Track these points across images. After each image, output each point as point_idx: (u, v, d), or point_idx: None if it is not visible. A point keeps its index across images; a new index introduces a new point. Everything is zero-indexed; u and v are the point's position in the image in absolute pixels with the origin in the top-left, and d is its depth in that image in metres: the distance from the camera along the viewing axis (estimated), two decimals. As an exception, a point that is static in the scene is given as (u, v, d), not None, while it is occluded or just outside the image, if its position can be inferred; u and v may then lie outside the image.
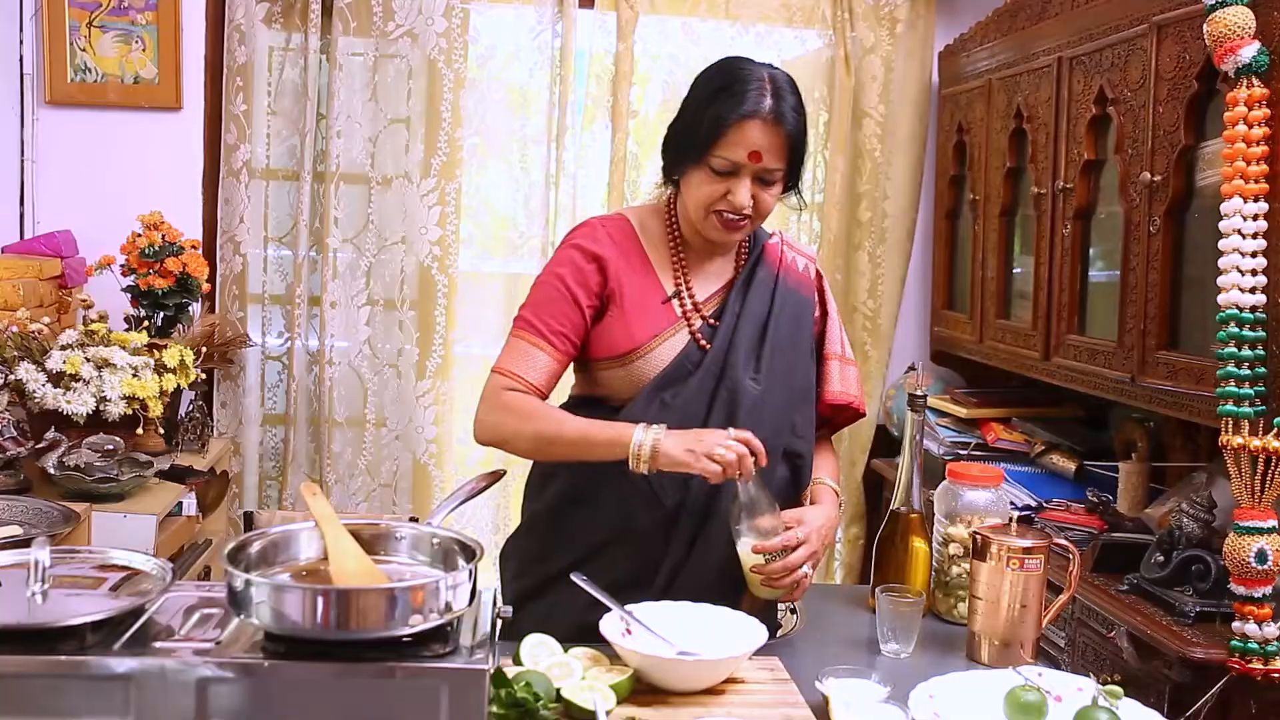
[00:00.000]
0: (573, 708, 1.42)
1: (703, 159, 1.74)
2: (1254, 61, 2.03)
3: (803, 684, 1.55)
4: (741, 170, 1.73)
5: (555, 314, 1.80)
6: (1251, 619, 2.01)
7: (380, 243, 3.39)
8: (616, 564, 1.78)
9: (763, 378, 1.82)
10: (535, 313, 1.81)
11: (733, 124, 1.71)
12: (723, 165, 1.73)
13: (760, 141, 1.72)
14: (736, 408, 1.78)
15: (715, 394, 1.79)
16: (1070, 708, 1.44)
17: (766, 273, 1.88)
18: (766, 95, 1.72)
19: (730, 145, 1.72)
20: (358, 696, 1.22)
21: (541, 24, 3.42)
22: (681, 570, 1.78)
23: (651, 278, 1.84)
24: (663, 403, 1.78)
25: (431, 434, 3.43)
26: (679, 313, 1.83)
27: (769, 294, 1.86)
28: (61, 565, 1.39)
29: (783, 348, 1.84)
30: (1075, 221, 2.76)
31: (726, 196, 1.74)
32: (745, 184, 1.73)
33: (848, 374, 1.94)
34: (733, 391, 1.79)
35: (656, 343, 1.80)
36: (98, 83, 3.22)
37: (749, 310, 1.84)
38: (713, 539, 1.77)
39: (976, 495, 1.86)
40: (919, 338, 3.73)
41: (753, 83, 1.73)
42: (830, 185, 3.56)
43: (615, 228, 1.86)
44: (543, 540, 1.88)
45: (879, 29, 3.54)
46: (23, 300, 2.74)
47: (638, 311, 1.81)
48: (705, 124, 1.73)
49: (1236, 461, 2.01)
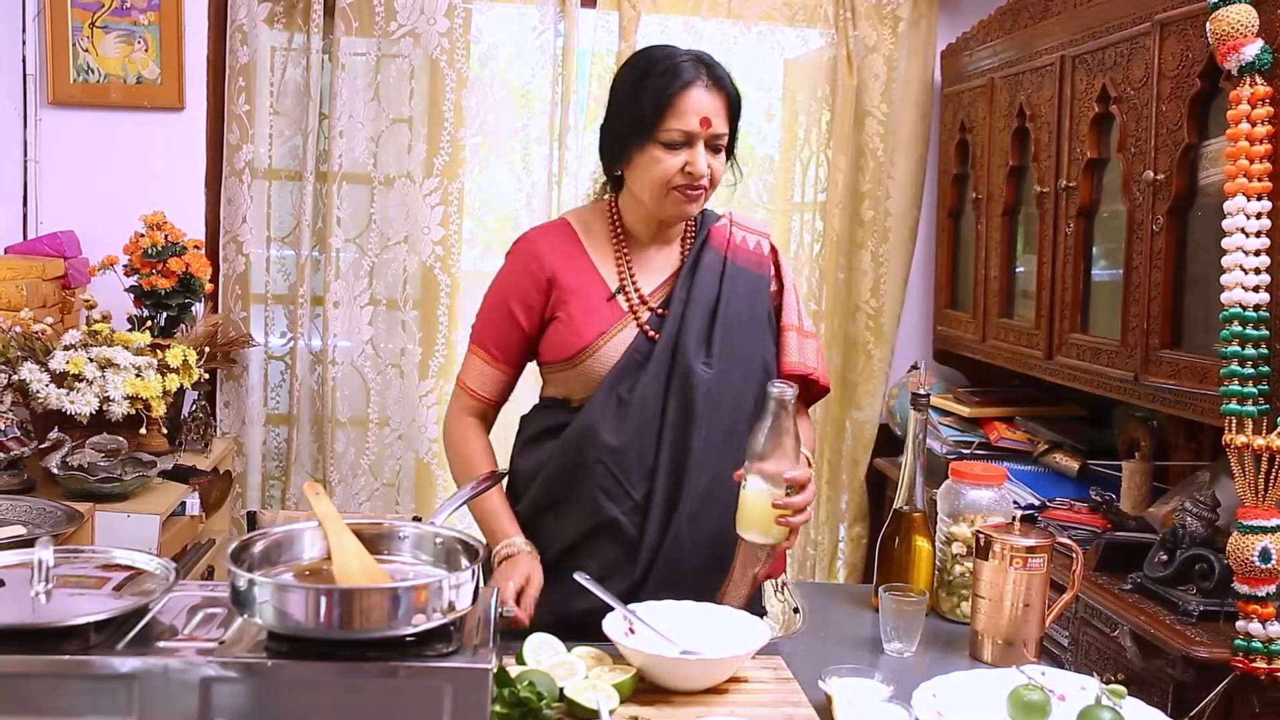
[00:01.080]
0: (576, 707, 1.42)
1: (652, 137, 1.76)
2: (1257, 59, 2.03)
3: (805, 683, 1.55)
4: (694, 139, 1.76)
5: (498, 329, 1.90)
6: (1255, 618, 2.01)
7: (383, 242, 3.39)
8: (596, 556, 1.81)
9: (715, 360, 1.83)
10: (483, 328, 1.93)
11: (676, 94, 1.74)
12: (674, 137, 1.76)
13: (707, 106, 1.75)
14: (692, 392, 1.81)
15: (669, 382, 1.81)
16: (1074, 707, 1.44)
17: (713, 256, 1.90)
18: (700, 65, 1.77)
19: (678, 115, 1.75)
20: (361, 696, 1.22)
21: (544, 23, 3.42)
22: (658, 557, 1.80)
23: (594, 277, 1.86)
24: (620, 398, 1.81)
25: (434, 433, 3.43)
26: (625, 307, 1.85)
27: (717, 277, 1.88)
28: (65, 565, 1.39)
29: (735, 328, 1.86)
30: (1078, 220, 2.76)
31: (684, 170, 1.76)
32: (700, 151, 1.77)
33: (805, 346, 1.95)
34: (685, 378, 1.81)
35: (603, 340, 1.82)
36: (100, 83, 3.22)
37: (696, 296, 1.85)
38: (684, 526, 1.80)
39: (979, 494, 1.86)
40: (922, 337, 3.73)
41: (681, 57, 1.78)
42: (833, 184, 3.56)
43: (555, 234, 1.91)
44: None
45: (881, 28, 3.54)
46: (26, 300, 2.74)
47: (583, 312, 1.84)
48: (647, 103, 1.76)
49: (1240, 460, 2.01)
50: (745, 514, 1.71)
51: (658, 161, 1.77)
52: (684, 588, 1.75)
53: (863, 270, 3.63)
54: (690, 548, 1.81)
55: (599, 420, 1.80)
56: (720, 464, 1.81)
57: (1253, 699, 2.05)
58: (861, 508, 3.69)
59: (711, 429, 1.81)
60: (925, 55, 3.57)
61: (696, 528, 1.81)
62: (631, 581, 1.78)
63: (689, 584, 1.77)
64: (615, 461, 1.80)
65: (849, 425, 3.67)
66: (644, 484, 1.81)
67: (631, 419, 1.79)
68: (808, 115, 3.60)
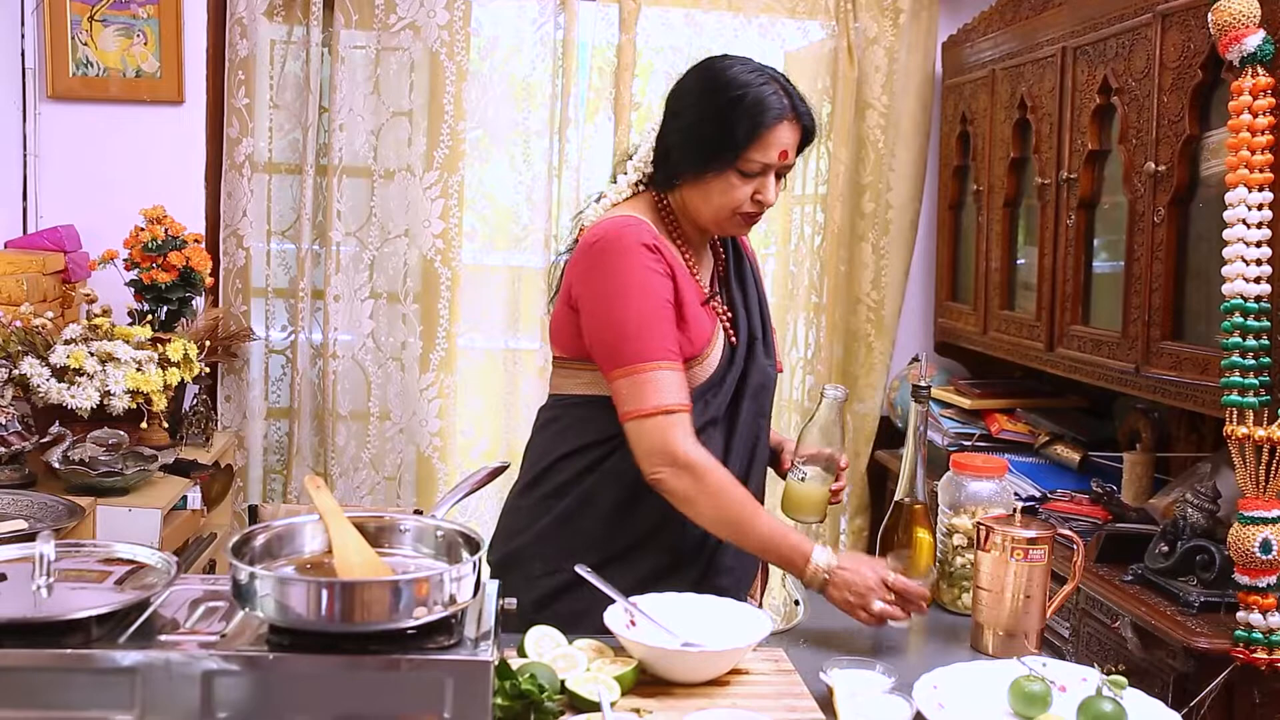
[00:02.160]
0: (577, 699, 1.42)
1: (733, 165, 1.73)
2: (1259, 50, 2.03)
3: (807, 675, 1.55)
4: (769, 169, 1.75)
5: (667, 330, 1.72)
6: (1256, 609, 2.01)
7: (383, 236, 3.39)
8: (653, 555, 1.80)
9: (771, 358, 1.89)
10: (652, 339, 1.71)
11: (769, 128, 1.72)
12: (754, 168, 1.74)
13: (788, 141, 1.75)
14: (765, 393, 1.86)
15: (744, 385, 1.83)
16: (1075, 698, 1.44)
17: (744, 252, 1.95)
18: (784, 95, 1.74)
19: (764, 149, 1.72)
20: (362, 689, 1.22)
21: (543, 16, 3.41)
22: (716, 556, 1.82)
23: (690, 279, 1.80)
24: (706, 403, 1.78)
25: (435, 427, 3.43)
26: (715, 312, 1.83)
27: (751, 275, 1.93)
28: (66, 559, 1.39)
29: (766, 322, 1.91)
30: (1079, 212, 2.75)
31: (754, 197, 1.76)
32: (772, 181, 1.77)
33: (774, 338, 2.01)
34: (762, 379, 1.85)
35: (710, 348, 1.79)
36: (99, 77, 3.22)
37: (747, 297, 1.89)
38: None
39: (980, 486, 1.86)
40: (923, 329, 3.73)
41: (767, 88, 1.73)
42: (834, 177, 3.56)
43: (649, 233, 1.75)
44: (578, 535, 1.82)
45: (882, 19, 3.53)
46: (26, 295, 2.74)
47: (695, 316, 1.78)
48: (739, 133, 1.71)
49: (1241, 452, 2.01)
50: (802, 501, 1.84)
51: (733, 188, 1.74)
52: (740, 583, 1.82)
53: (864, 262, 3.63)
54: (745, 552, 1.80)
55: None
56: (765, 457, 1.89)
57: (1253, 690, 2.05)
58: (863, 500, 3.69)
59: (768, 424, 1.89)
60: (926, 47, 3.56)
61: None
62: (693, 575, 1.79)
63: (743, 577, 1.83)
64: None
65: (850, 418, 3.67)
66: None
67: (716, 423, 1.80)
68: (808, 107, 3.59)
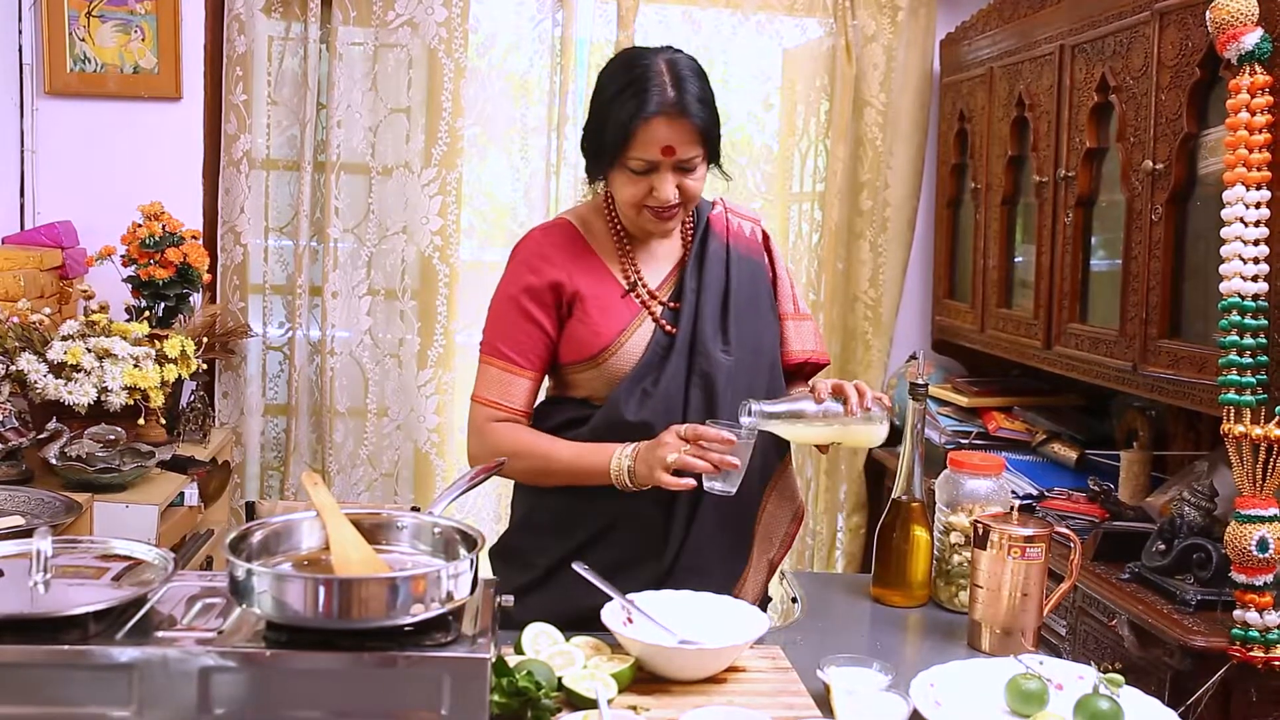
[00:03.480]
0: (574, 696, 1.42)
1: (619, 162, 1.75)
2: (1257, 49, 2.03)
3: (804, 672, 1.55)
4: (660, 166, 1.74)
5: (519, 336, 1.83)
6: (1253, 607, 2.01)
7: (381, 232, 3.39)
8: (620, 544, 1.81)
9: (733, 348, 1.85)
10: (500, 338, 1.84)
11: (639, 126, 1.71)
12: (639, 165, 1.75)
13: (669, 136, 1.72)
14: (714, 382, 1.82)
15: (690, 373, 1.82)
16: (1071, 696, 1.44)
17: (717, 244, 1.91)
18: (667, 88, 1.72)
19: (641, 146, 1.73)
20: (360, 685, 1.22)
21: (542, 13, 3.41)
22: (684, 546, 1.82)
23: (606, 274, 1.86)
24: (644, 392, 1.81)
25: (433, 423, 3.43)
26: (639, 303, 1.85)
27: (723, 265, 1.89)
28: (64, 555, 1.39)
29: (745, 314, 1.88)
30: (1077, 210, 2.75)
31: (652, 193, 1.76)
32: (667, 178, 1.75)
33: (804, 330, 1.98)
34: (707, 367, 1.82)
35: (625, 338, 1.82)
36: (97, 73, 3.21)
37: (707, 285, 1.86)
38: (709, 514, 1.81)
39: (978, 484, 1.86)
40: (920, 327, 3.73)
41: (652, 77, 1.72)
42: (831, 174, 3.56)
43: (559, 233, 1.89)
44: (544, 531, 1.89)
45: (880, 17, 3.53)
46: (23, 291, 2.74)
47: (600, 311, 1.82)
48: (612, 129, 1.74)
49: (1238, 450, 2.01)
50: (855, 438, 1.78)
51: (626, 185, 1.78)
52: (707, 575, 1.77)
53: (861, 260, 3.63)
54: (713, 535, 1.83)
55: (625, 410, 1.80)
56: None
57: (1250, 688, 2.05)
58: (860, 497, 3.69)
59: (732, 416, 1.82)
60: (924, 44, 3.56)
61: (720, 515, 1.82)
62: (659, 570, 1.79)
63: (712, 572, 1.80)
64: None
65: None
66: None
67: (657, 409, 1.79)
68: (806, 105, 3.60)
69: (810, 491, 3.68)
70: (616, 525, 1.82)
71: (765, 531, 1.92)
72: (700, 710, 1.37)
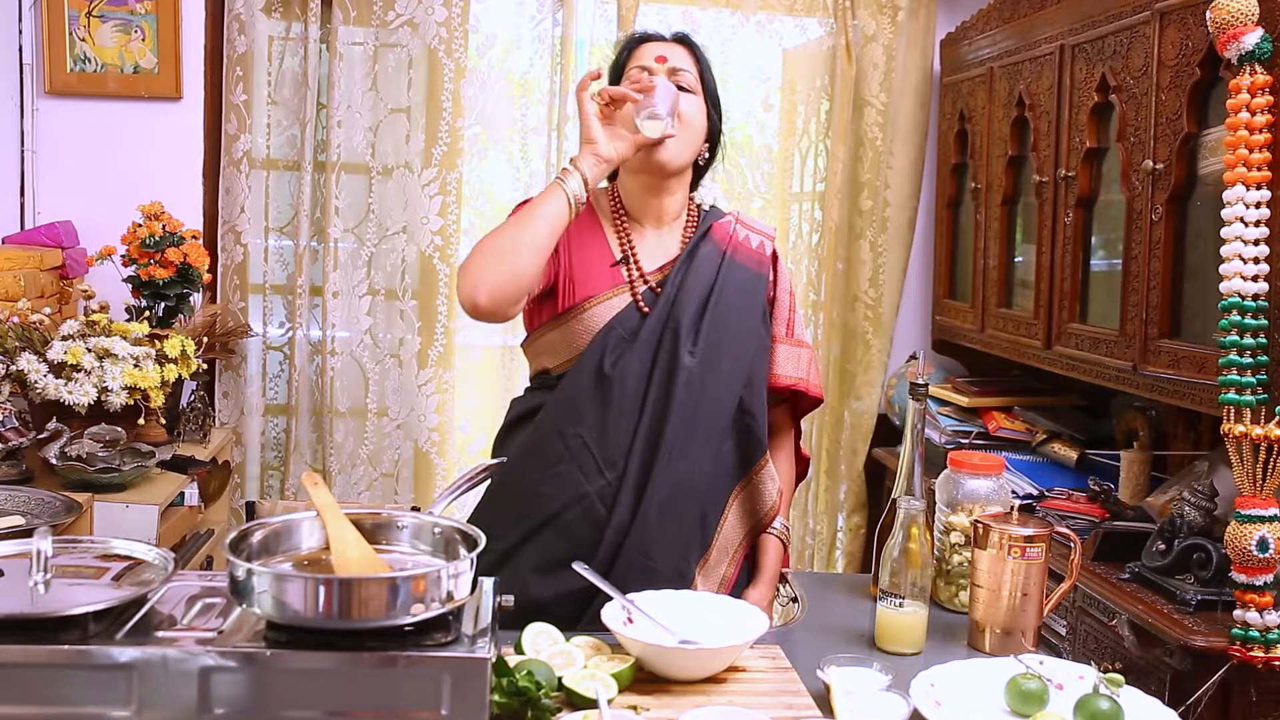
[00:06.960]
0: (574, 696, 1.42)
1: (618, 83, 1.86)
2: (1257, 48, 2.03)
3: (804, 673, 1.55)
4: (652, 72, 1.84)
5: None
6: (1253, 607, 2.01)
7: (381, 232, 3.39)
8: (566, 534, 1.81)
9: (700, 351, 1.83)
10: None
11: (636, 47, 1.89)
12: (636, 75, 1.84)
13: (662, 49, 1.87)
14: (674, 378, 1.81)
15: (653, 365, 1.82)
16: (1071, 696, 1.44)
17: (712, 249, 1.91)
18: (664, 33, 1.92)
19: (636, 58, 1.87)
20: (360, 685, 1.22)
21: (542, 13, 3.41)
22: (625, 541, 1.80)
23: (602, 243, 1.90)
24: (602, 373, 1.81)
25: (433, 423, 3.43)
26: (625, 276, 1.87)
27: (714, 269, 1.89)
28: (64, 555, 1.39)
29: (726, 322, 1.86)
30: (1077, 210, 2.76)
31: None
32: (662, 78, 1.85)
33: (795, 357, 1.96)
34: (669, 362, 1.82)
35: (593, 302, 1.84)
36: (97, 73, 3.21)
37: (691, 284, 1.86)
38: (653, 512, 1.80)
39: (978, 484, 1.86)
40: (920, 326, 3.73)
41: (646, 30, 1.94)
42: (832, 174, 3.56)
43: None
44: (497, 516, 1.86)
45: (880, 17, 3.53)
46: (24, 291, 2.74)
47: (583, 269, 1.86)
48: (614, 65, 1.91)
49: (1238, 450, 2.01)
50: (899, 631, 1.69)
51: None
52: (653, 575, 1.75)
53: (861, 260, 3.63)
54: (659, 534, 1.80)
55: (579, 394, 1.81)
56: (697, 454, 1.82)
57: (1250, 688, 2.05)
58: (860, 497, 3.69)
59: (688, 417, 1.81)
60: (924, 44, 3.56)
61: (666, 515, 1.80)
62: (598, 563, 1.75)
63: (659, 572, 1.77)
64: (591, 436, 1.81)
65: (847, 415, 3.67)
66: (618, 464, 1.81)
67: (612, 397, 1.80)
68: (806, 105, 3.60)
69: (810, 491, 3.68)
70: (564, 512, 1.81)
71: (724, 543, 1.89)
72: (700, 710, 1.37)
